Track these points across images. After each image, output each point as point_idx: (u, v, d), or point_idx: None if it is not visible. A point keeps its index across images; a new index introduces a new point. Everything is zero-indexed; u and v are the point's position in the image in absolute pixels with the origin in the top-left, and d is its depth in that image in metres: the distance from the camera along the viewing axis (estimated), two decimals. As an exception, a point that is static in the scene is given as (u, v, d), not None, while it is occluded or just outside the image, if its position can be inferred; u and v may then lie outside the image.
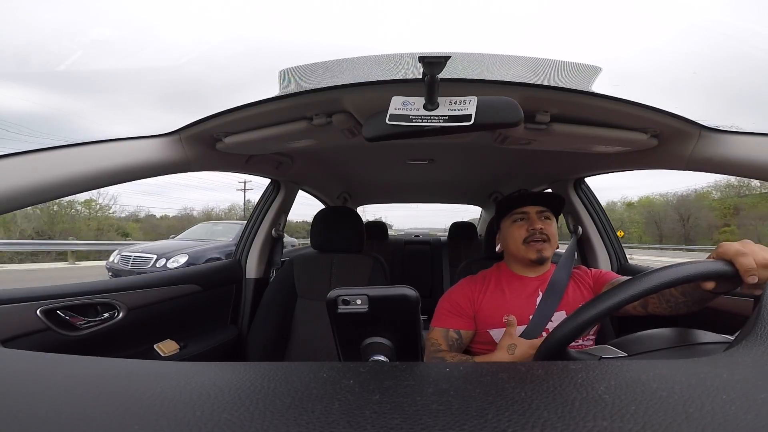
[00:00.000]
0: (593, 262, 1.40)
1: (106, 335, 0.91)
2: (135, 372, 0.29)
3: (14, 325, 0.76)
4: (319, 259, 1.38)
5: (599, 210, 1.45)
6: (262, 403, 0.23)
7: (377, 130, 0.67)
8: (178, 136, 0.88)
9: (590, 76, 0.72)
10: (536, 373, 0.28)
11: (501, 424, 0.20)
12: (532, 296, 0.89)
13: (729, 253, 0.49)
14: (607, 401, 0.22)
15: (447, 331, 0.88)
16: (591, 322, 0.45)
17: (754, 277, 0.46)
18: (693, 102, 0.81)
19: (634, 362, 0.30)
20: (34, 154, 0.66)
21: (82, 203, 18.60)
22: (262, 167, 1.27)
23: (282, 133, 0.88)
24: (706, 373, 0.26)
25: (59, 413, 0.22)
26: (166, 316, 1.10)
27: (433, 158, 1.57)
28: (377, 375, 0.28)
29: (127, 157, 0.77)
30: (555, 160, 1.32)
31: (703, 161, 0.80)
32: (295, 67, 0.74)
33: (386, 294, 0.35)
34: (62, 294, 0.85)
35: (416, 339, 0.37)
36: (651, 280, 0.45)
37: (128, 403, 0.23)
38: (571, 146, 0.96)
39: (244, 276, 1.47)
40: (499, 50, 0.68)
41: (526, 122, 0.79)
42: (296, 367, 0.30)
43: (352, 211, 1.45)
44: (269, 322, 1.29)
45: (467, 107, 0.62)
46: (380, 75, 0.71)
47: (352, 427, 0.20)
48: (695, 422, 0.20)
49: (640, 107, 0.76)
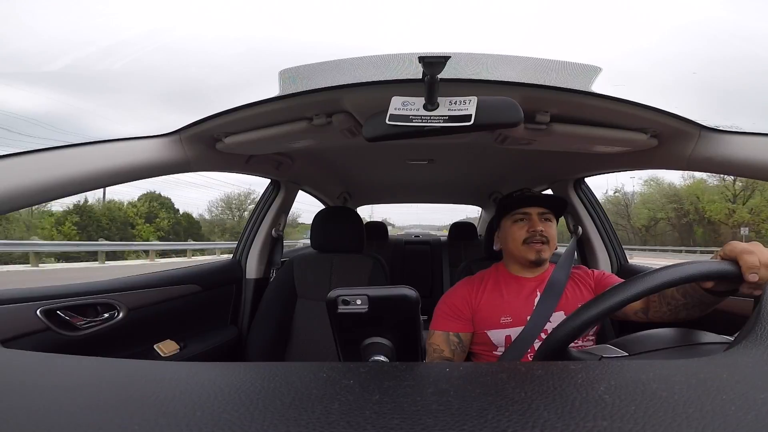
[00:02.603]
0: (593, 263, 1.40)
1: (106, 335, 0.91)
2: (135, 372, 0.29)
3: (14, 325, 0.76)
4: (319, 260, 1.38)
5: (599, 210, 1.45)
6: (262, 403, 0.23)
7: (377, 130, 0.67)
8: (178, 136, 0.88)
9: (590, 76, 0.72)
10: (536, 373, 0.28)
11: (501, 424, 0.20)
12: (530, 297, 0.89)
13: (735, 251, 0.49)
14: (607, 401, 0.22)
15: (447, 334, 0.88)
16: (593, 321, 0.45)
17: (755, 275, 0.46)
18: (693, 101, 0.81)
19: (633, 362, 0.30)
20: (34, 154, 0.66)
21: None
22: (262, 167, 1.27)
23: (282, 133, 0.88)
24: (706, 374, 0.26)
25: (59, 413, 0.22)
26: (166, 316, 1.10)
27: (433, 158, 1.57)
28: (377, 375, 0.28)
29: (127, 157, 0.77)
30: (555, 160, 1.32)
31: (703, 161, 0.80)
32: (295, 68, 0.74)
33: (386, 294, 0.35)
34: (62, 294, 0.85)
35: (416, 339, 0.37)
36: (654, 278, 0.44)
37: (128, 403, 0.23)
38: (571, 146, 0.96)
39: (244, 276, 1.47)
40: (499, 50, 0.68)
41: (526, 122, 0.79)
42: (296, 367, 0.30)
43: (353, 211, 1.45)
44: (269, 322, 1.29)
45: (467, 107, 0.61)
46: (380, 75, 0.71)
47: (352, 428, 0.20)
48: (695, 422, 0.20)
49: (640, 107, 0.75)
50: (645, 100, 0.74)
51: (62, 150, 0.70)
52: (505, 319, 0.86)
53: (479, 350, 0.90)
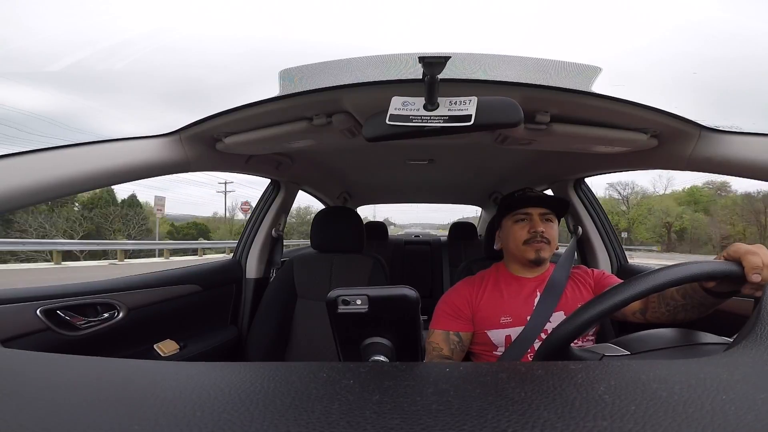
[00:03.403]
0: (593, 263, 1.40)
1: (106, 335, 0.91)
2: (135, 372, 0.29)
3: (14, 325, 0.76)
4: (319, 260, 1.38)
5: (599, 210, 1.44)
6: (262, 403, 0.23)
7: (377, 131, 0.67)
8: (178, 136, 0.88)
9: (590, 76, 0.72)
10: (536, 373, 0.28)
11: (501, 424, 0.20)
12: (530, 297, 0.89)
13: (740, 252, 0.49)
14: (607, 401, 0.22)
15: (447, 334, 0.88)
16: (594, 320, 0.45)
17: (757, 275, 0.47)
18: (693, 101, 0.81)
19: (633, 362, 0.30)
20: (34, 154, 0.66)
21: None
22: (262, 167, 1.27)
23: (282, 133, 0.88)
24: (706, 374, 0.26)
25: (59, 413, 0.22)
26: (166, 316, 1.10)
27: (432, 158, 1.57)
28: (377, 375, 0.28)
29: (127, 157, 0.78)
30: (555, 160, 1.32)
31: (703, 161, 0.80)
32: (295, 68, 0.74)
33: (386, 294, 0.35)
34: (62, 294, 0.85)
35: (416, 339, 0.37)
36: (658, 277, 0.44)
37: (128, 403, 0.23)
38: (571, 146, 0.96)
39: (244, 276, 1.47)
40: (499, 50, 0.68)
41: (526, 122, 0.79)
42: (296, 367, 0.30)
43: (352, 211, 1.45)
44: (269, 322, 1.29)
45: (467, 107, 0.61)
46: (380, 75, 0.71)
47: (352, 427, 0.20)
48: (695, 422, 0.20)
49: (640, 107, 0.75)
50: (645, 100, 0.74)
51: (62, 150, 0.70)
52: (505, 319, 0.86)
53: (479, 350, 0.90)
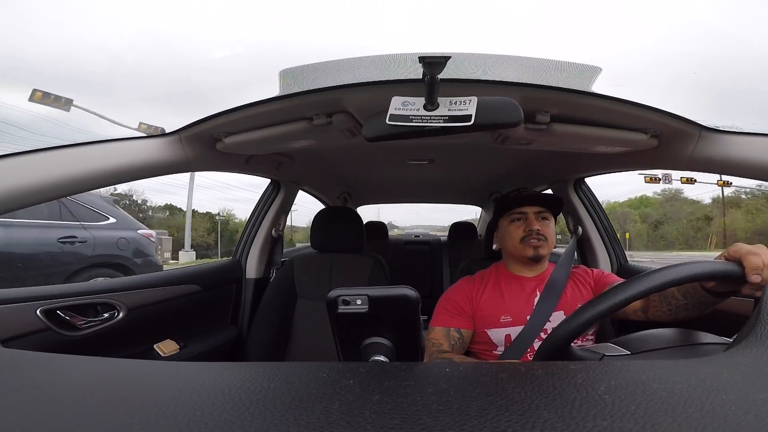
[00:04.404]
0: (593, 263, 1.40)
1: (106, 335, 0.91)
2: (135, 372, 0.29)
3: (14, 325, 0.76)
4: (319, 260, 1.38)
5: (599, 210, 1.45)
6: (262, 403, 0.23)
7: (377, 131, 0.67)
8: (178, 136, 0.88)
9: (590, 76, 0.72)
10: (536, 373, 0.28)
11: (501, 424, 0.20)
12: (530, 296, 0.89)
13: (741, 252, 0.49)
14: (607, 401, 0.22)
15: (448, 330, 0.88)
16: (595, 320, 0.45)
17: (758, 276, 0.47)
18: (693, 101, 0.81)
19: (633, 362, 0.30)
20: (34, 154, 0.66)
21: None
22: (262, 167, 1.27)
23: (282, 133, 0.88)
24: (706, 374, 0.26)
25: (59, 413, 0.22)
26: (166, 316, 1.10)
27: (432, 158, 1.57)
28: (377, 375, 0.28)
29: (127, 157, 0.77)
30: (555, 160, 1.32)
31: (703, 161, 0.80)
32: (296, 67, 0.74)
33: (386, 294, 0.35)
34: (62, 294, 0.85)
35: (416, 339, 0.37)
36: (659, 277, 0.44)
37: (128, 403, 0.23)
38: (571, 146, 0.96)
39: (244, 276, 1.47)
40: (499, 50, 0.68)
41: (526, 122, 0.79)
42: (296, 367, 0.30)
43: (352, 211, 1.45)
44: (269, 322, 1.29)
45: (467, 107, 0.61)
46: (380, 75, 0.71)
47: (352, 427, 0.20)
48: (695, 422, 0.20)
49: (640, 107, 0.75)
50: (645, 100, 0.74)
51: (62, 150, 0.69)
52: (505, 319, 0.86)
53: (479, 349, 0.90)
